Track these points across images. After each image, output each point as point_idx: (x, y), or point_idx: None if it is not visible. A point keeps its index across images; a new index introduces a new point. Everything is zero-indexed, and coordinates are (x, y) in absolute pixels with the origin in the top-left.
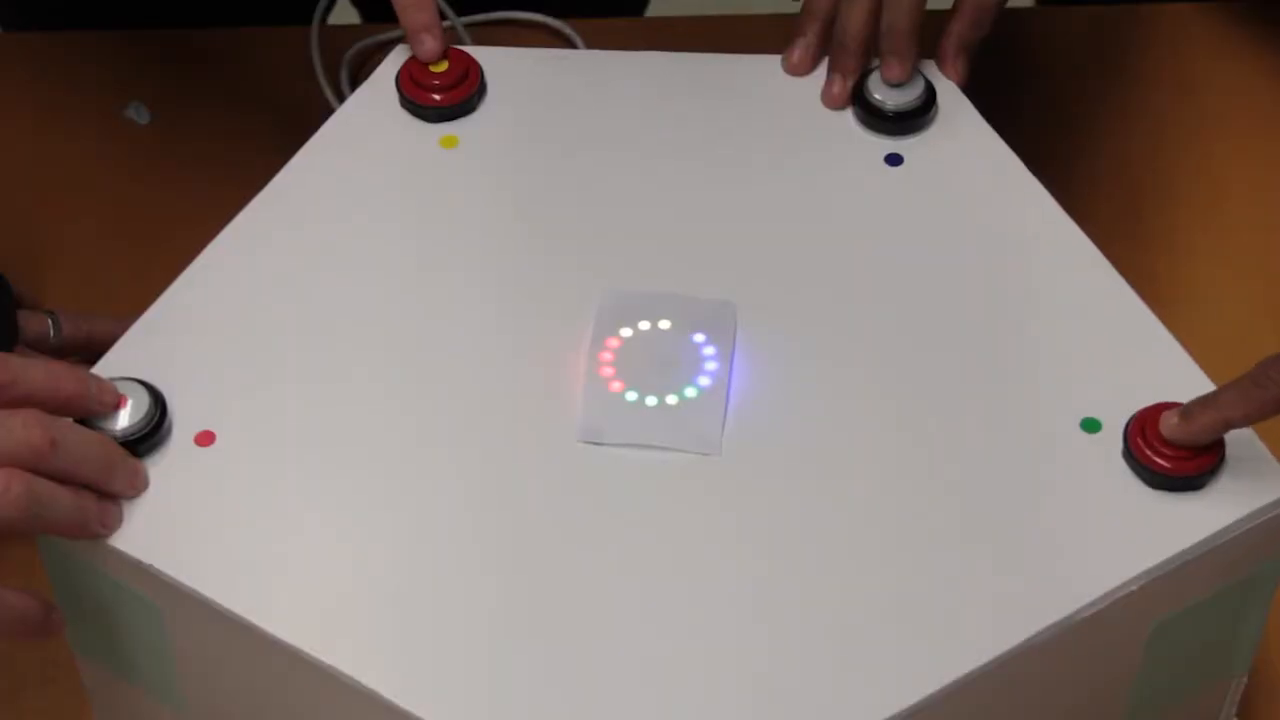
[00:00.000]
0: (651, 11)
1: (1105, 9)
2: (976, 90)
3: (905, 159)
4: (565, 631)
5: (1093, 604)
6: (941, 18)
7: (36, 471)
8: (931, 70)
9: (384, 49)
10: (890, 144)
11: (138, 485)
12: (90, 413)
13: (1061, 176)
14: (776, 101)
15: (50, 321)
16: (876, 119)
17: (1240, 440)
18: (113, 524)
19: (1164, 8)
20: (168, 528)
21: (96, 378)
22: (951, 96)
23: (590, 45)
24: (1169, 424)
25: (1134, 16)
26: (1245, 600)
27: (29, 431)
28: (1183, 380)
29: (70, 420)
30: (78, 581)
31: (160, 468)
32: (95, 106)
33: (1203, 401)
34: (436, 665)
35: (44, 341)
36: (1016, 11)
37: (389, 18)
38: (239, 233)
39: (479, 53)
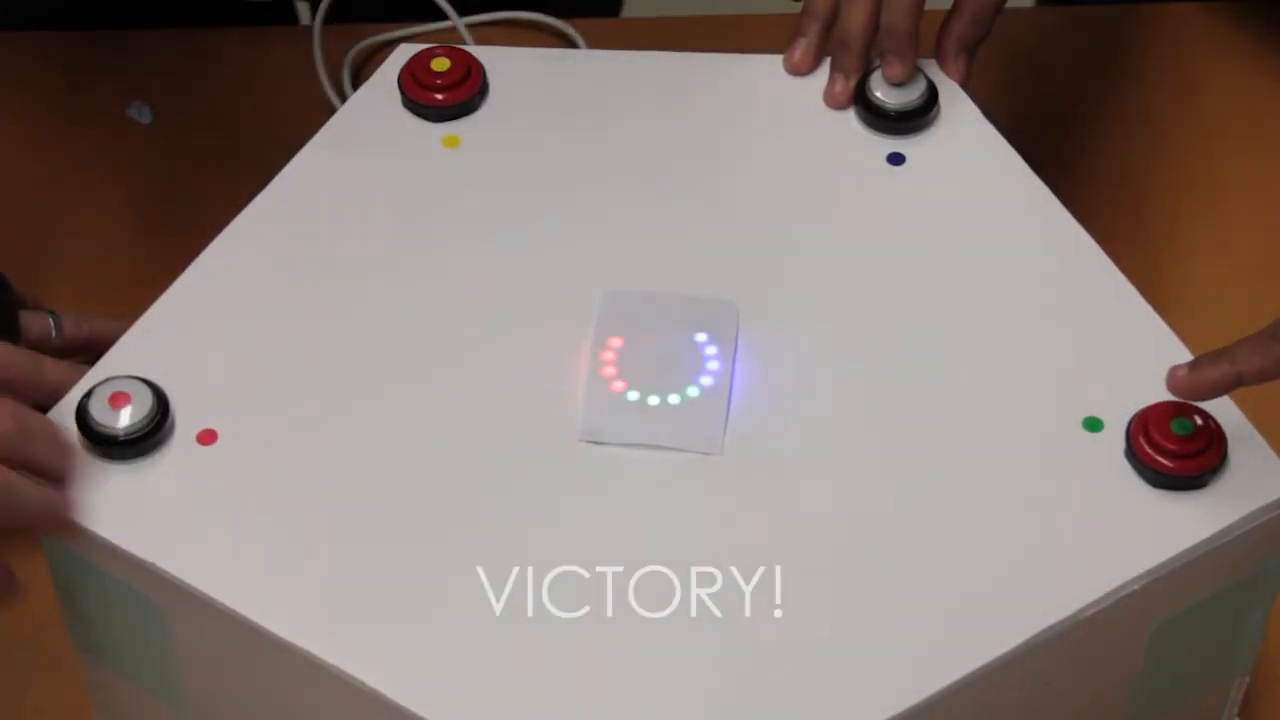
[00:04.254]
0: (652, 11)
1: (1105, 9)
2: (976, 90)
3: (907, 158)
4: (566, 631)
5: (1094, 604)
6: (943, 17)
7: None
8: (933, 69)
9: (385, 49)
10: (892, 143)
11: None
12: (44, 388)
13: (1061, 176)
14: (777, 101)
15: (52, 321)
16: (878, 118)
17: (1242, 439)
18: (77, 518)
19: (1164, 8)
20: (170, 526)
21: (43, 357)
22: (953, 96)
23: (591, 45)
24: (1176, 376)
25: (1134, 16)
26: (1247, 600)
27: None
28: None
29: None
30: (79, 580)
31: (163, 466)
32: (97, 106)
33: (1214, 355)
34: (437, 664)
35: (46, 341)
36: (1016, 11)
37: (389, 18)
38: (241, 232)
39: (480, 52)
